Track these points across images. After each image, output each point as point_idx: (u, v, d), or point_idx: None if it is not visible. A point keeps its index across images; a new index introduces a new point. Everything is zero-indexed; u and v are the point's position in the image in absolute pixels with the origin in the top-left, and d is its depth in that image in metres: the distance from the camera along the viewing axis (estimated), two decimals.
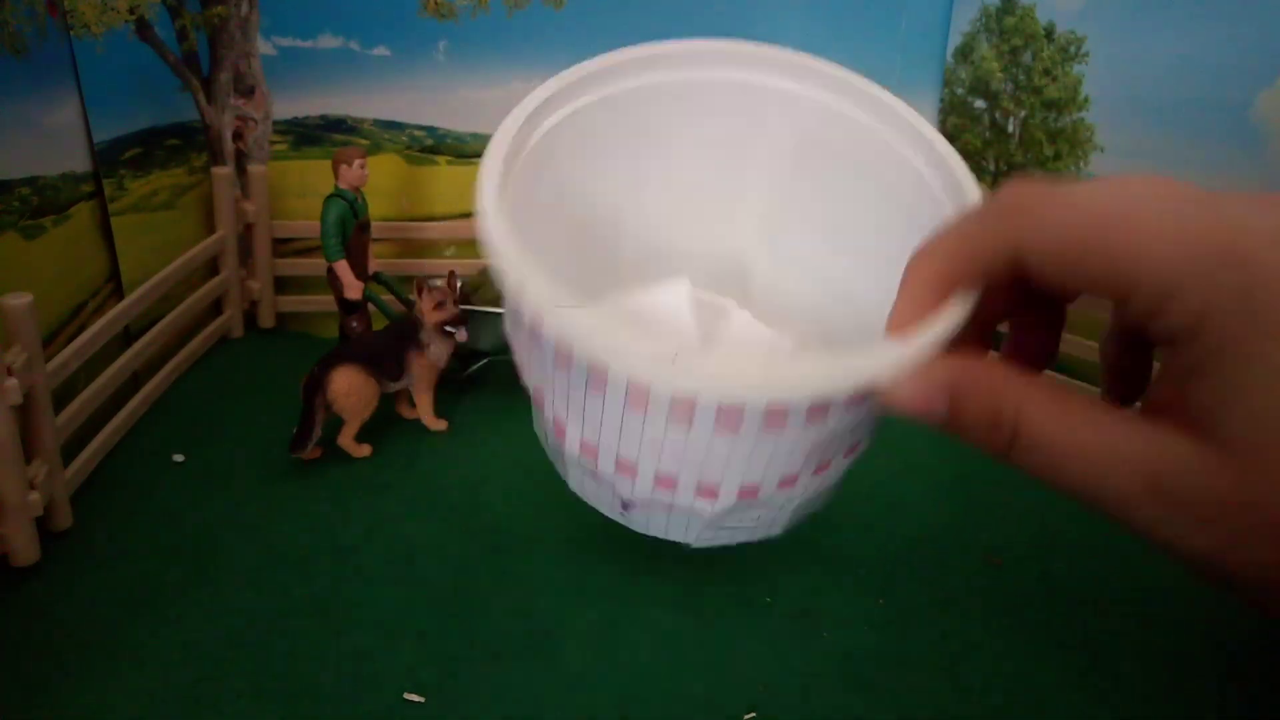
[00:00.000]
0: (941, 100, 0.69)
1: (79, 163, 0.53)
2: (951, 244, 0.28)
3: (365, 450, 0.51)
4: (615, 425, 0.32)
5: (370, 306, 0.60)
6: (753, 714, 0.35)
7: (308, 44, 0.65)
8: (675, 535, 0.36)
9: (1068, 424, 0.25)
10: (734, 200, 0.42)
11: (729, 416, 0.30)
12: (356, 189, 0.58)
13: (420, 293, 0.53)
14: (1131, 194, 0.25)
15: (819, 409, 0.30)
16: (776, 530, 0.38)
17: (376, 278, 0.61)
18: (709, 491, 0.33)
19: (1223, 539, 0.23)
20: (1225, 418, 0.23)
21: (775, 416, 0.30)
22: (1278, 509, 0.22)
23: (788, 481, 0.34)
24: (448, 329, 0.53)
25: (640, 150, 0.39)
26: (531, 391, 0.36)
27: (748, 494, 0.34)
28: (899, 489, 0.50)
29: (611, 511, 0.36)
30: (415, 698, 0.35)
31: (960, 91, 0.68)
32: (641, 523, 0.36)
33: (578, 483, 0.37)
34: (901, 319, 0.29)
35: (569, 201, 0.37)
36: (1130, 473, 0.24)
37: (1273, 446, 0.22)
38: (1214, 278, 0.23)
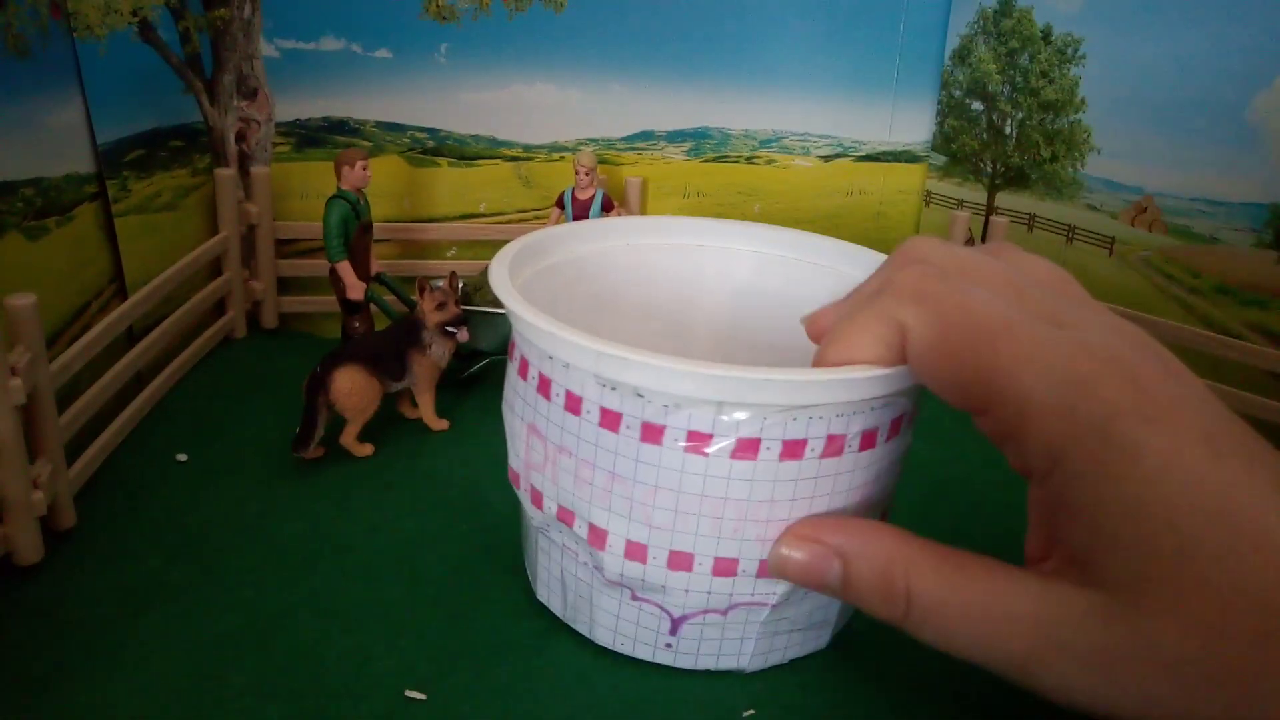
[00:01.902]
0: (939, 102, 0.70)
1: (82, 164, 0.53)
2: (846, 331, 0.28)
3: (367, 450, 0.52)
4: (650, 498, 0.32)
5: (372, 307, 0.60)
6: (751, 711, 0.35)
7: (310, 46, 0.65)
8: (729, 659, 0.36)
9: (958, 589, 0.25)
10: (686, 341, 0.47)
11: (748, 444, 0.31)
12: (359, 190, 0.58)
13: (422, 293, 0.53)
14: (1005, 312, 0.25)
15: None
16: (826, 638, 0.38)
17: (378, 278, 0.61)
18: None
19: (1125, 685, 0.22)
20: (1106, 560, 0.22)
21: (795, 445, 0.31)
22: (1173, 647, 0.21)
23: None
24: (449, 329, 0.53)
25: (603, 306, 0.44)
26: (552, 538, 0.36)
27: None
28: (898, 489, 0.50)
29: (657, 651, 0.36)
30: (417, 695, 0.35)
31: (958, 93, 0.68)
32: (691, 652, 0.36)
33: (610, 623, 0.36)
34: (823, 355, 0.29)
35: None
36: (1025, 631, 0.24)
37: (1158, 584, 0.22)
38: (1073, 410, 0.23)
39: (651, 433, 0.31)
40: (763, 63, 0.68)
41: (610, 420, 0.31)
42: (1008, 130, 0.66)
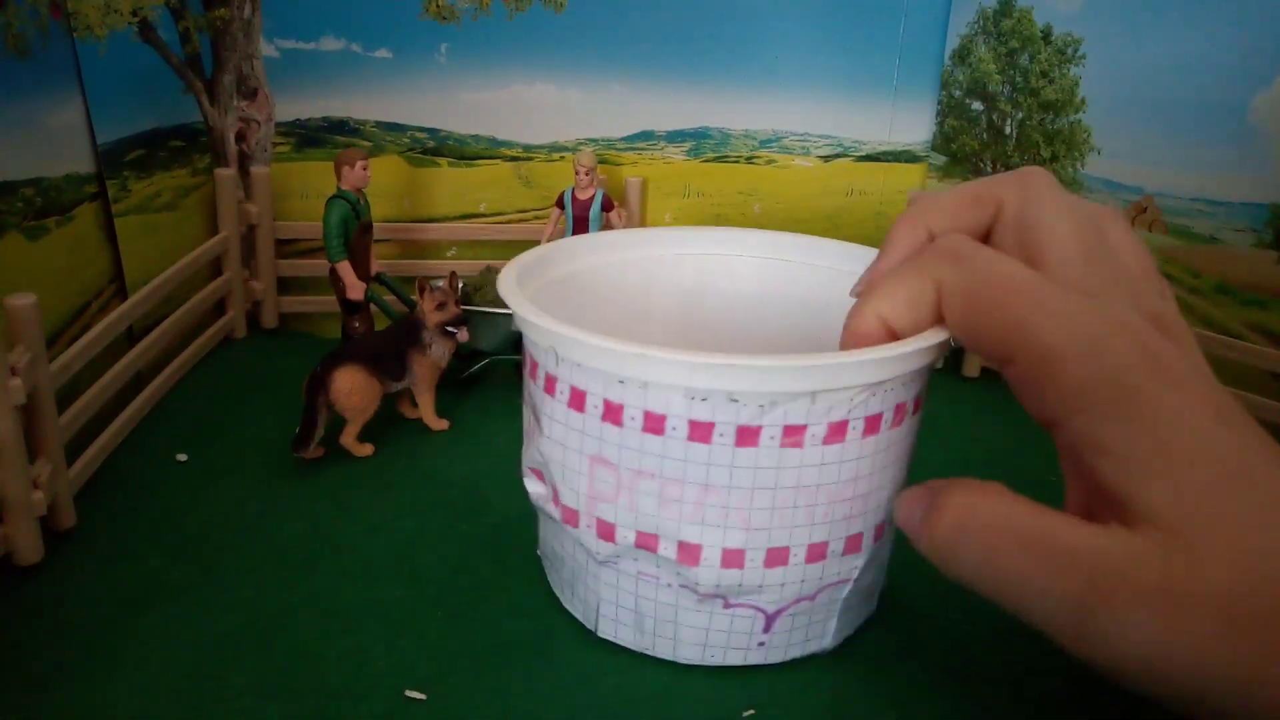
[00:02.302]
0: (939, 102, 0.70)
1: (82, 164, 0.53)
2: (888, 283, 0.30)
3: (367, 450, 0.52)
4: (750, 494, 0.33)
5: (372, 307, 0.60)
6: (751, 711, 0.35)
7: (310, 46, 0.65)
8: (815, 642, 0.37)
9: (1025, 518, 0.26)
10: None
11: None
12: (359, 190, 0.58)
13: (422, 293, 0.53)
14: (1035, 277, 0.27)
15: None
16: (874, 604, 0.40)
17: (379, 278, 0.61)
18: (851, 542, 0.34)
19: (1184, 625, 0.22)
20: (1147, 495, 0.23)
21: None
22: (1225, 584, 0.22)
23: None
24: (449, 329, 0.53)
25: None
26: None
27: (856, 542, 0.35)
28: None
29: (749, 653, 0.36)
30: (417, 695, 0.35)
31: (958, 93, 0.68)
32: (782, 645, 0.36)
33: (699, 637, 0.36)
34: (853, 337, 0.31)
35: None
36: (1085, 568, 0.24)
37: (1203, 522, 0.22)
38: (1092, 358, 0.24)
39: (747, 436, 0.31)
40: (763, 63, 0.68)
41: (700, 432, 0.31)
42: (1008, 130, 0.66)
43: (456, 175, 0.69)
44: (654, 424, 0.32)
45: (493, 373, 0.62)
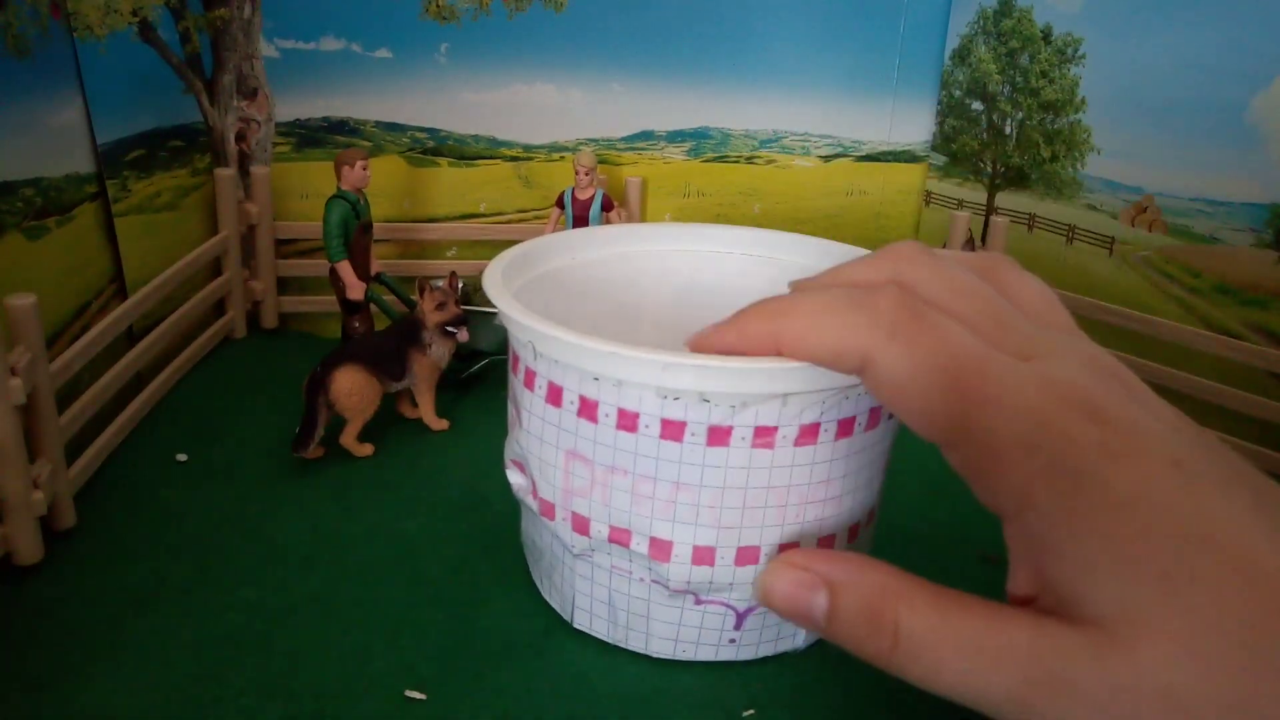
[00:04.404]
0: (939, 102, 0.70)
1: (82, 164, 0.53)
2: (802, 322, 0.27)
3: (367, 449, 0.52)
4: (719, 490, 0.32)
5: (372, 307, 0.60)
6: (751, 711, 0.35)
7: (310, 46, 0.65)
8: (786, 641, 0.37)
9: (950, 621, 0.24)
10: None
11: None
12: (359, 190, 0.58)
13: (422, 293, 0.53)
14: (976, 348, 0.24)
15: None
16: None
17: (378, 278, 0.61)
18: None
19: (1124, 718, 0.22)
20: (1091, 594, 0.22)
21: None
22: (1166, 676, 0.21)
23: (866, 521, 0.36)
24: (449, 329, 0.53)
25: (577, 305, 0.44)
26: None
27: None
28: (895, 486, 0.50)
29: (720, 649, 0.36)
30: (417, 695, 0.35)
31: (958, 93, 0.68)
32: (753, 643, 0.36)
33: (670, 632, 0.36)
34: (711, 337, 0.29)
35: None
36: (1019, 667, 0.23)
37: (1146, 614, 0.21)
38: (1038, 448, 0.22)
39: (719, 435, 0.31)
40: (763, 63, 0.68)
41: (673, 430, 0.32)
42: (1008, 130, 0.66)
43: (456, 175, 0.69)
44: (627, 421, 0.32)
45: (492, 373, 0.62)
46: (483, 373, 0.61)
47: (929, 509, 0.49)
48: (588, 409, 0.33)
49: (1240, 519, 0.21)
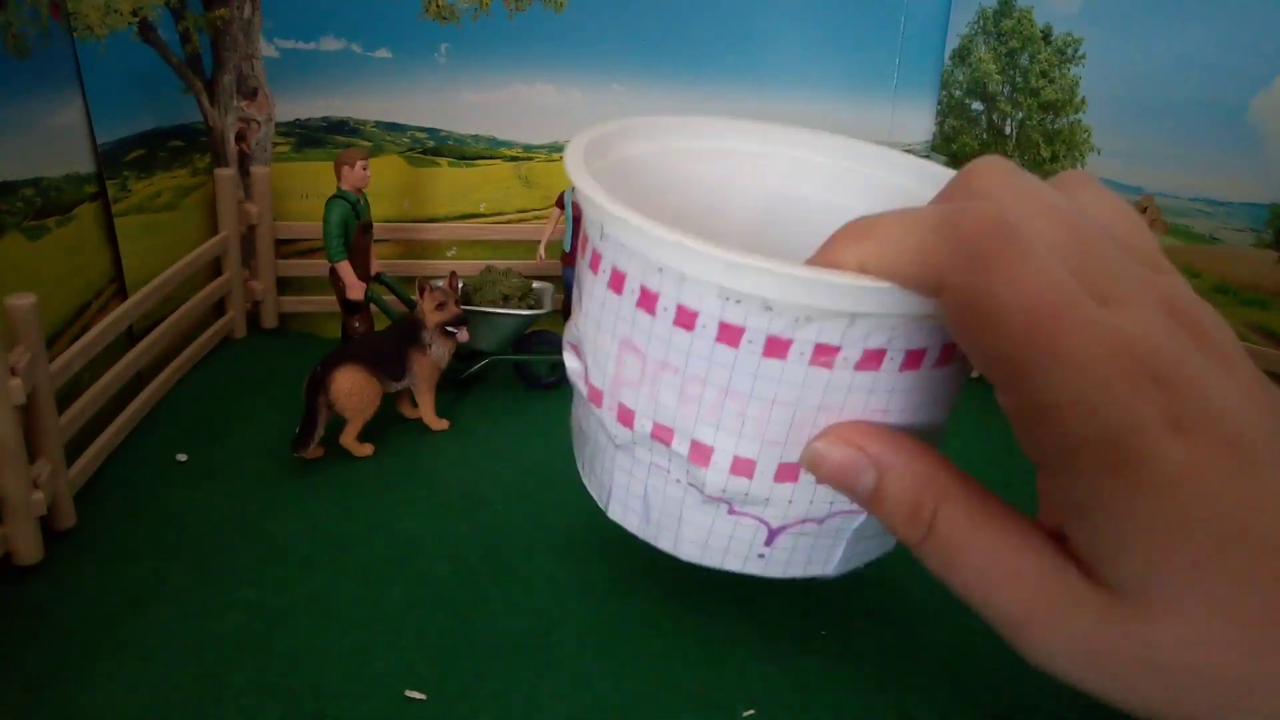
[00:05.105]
0: (939, 102, 0.70)
1: (82, 164, 0.53)
2: (884, 240, 0.26)
3: (367, 449, 0.52)
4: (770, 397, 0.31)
5: (372, 307, 0.60)
6: (751, 711, 0.35)
7: (310, 46, 0.65)
8: (817, 565, 0.36)
9: (979, 530, 0.25)
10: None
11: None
12: (359, 190, 0.58)
13: (422, 293, 0.53)
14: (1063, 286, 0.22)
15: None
16: (892, 541, 0.38)
17: (379, 278, 0.61)
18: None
19: (1111, 678, 0.22)
20: (1112, 564, 0.22)
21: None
22: (1172, 654, 0.21)
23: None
24: (449, 329, 0.53)
25: (658, 199, 0.42)
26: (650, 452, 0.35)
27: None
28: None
29: (748, 562, 0.35)
30: (416, 695, 0.35)
31: (958, 93, 0.68)
32: (782, 561, 0.35)
33: (700, 536, 0.35)
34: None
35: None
36: (1025, 595, 0.23)
37: (1166, 593, 0.21)
38: (1095, 412, 0.21)
39: (776, 347, 0.30)
40: (763, 62, 0.68)
41: (730, 335, 0.30)
42: (1008, 130, 0.66)
43: (456, 175, 0.69)
44: (685, 319, 0.31)
45: (492, 373, 0.62)
46: (483, 373, 0.61)
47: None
48: (647, 300, 0.32)
49: None
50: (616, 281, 0.33)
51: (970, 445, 0.57)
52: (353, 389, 0.50)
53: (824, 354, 0.30)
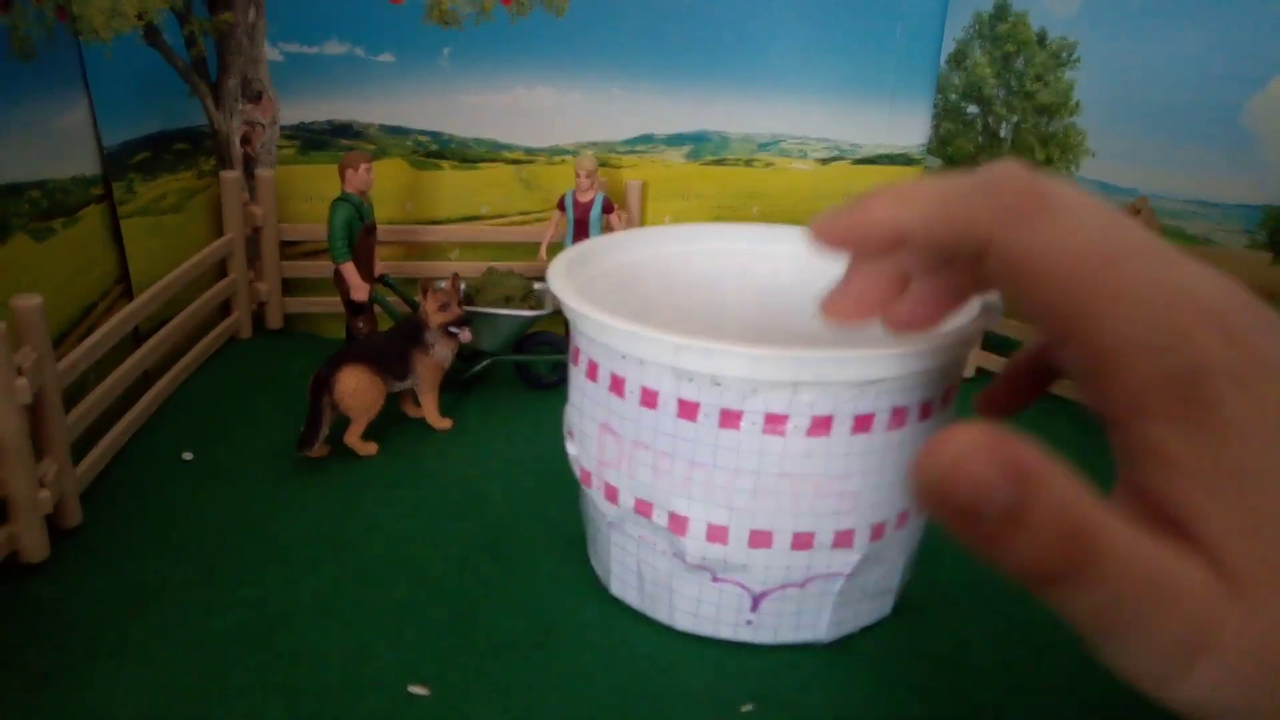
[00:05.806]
0: (935, 106, 0.70)
1: (88, 166, 0.54)
2: (925, 203, 0.25)
3: (371, 449, 0.52)
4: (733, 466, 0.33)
5: (376, 308, 0.61)
6: (750, 707, 0.36)
7: (314, 50, 0.65)
8: (806, 631, 0.38)
9: (1138, 541, 0.20)
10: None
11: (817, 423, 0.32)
12: (363, 193, 0.58)
13: (425, 294, 0.53)
14: (1118, 242, 0.22)
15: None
16: (889, 605, 0.40)
17: (382, 280, 0.62)
18: (844, 540, 0.35)
19: (1222, 679, 0.19)
20: (1209, 524, 0.20)
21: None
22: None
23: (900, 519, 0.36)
24: (452, 330, 0.54)
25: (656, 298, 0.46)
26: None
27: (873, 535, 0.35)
28: None
29: (738, 629, 0.37)
30: (420, 690, 0.36)
31: (953, 97, 0.69)
32: (771, 627, 0.37)
33: (690, 606, 0.37)
34: (842, 303, 0.27)
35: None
36: (1190, 611, 0.20)
37: (1271, 561, 0.19)
38: (1166, 355, 0.20)
39: (730, 419, 0.32)
40: (761, 66, 0.69)
41: (688, 410, 0.33)
42: (1003, 133, 0.67)
43: (459, 178, 0.70)
44: (649, 399, 0.34)
45: (495, 373, 0.63)
46: (485, 373, 0.62)
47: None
48: (617, 385, 0.35)
49: None
50: (592, 370, 0.36)
51: None
52: (357, 389, 0.50)
53: (775, 423, 0.32)
